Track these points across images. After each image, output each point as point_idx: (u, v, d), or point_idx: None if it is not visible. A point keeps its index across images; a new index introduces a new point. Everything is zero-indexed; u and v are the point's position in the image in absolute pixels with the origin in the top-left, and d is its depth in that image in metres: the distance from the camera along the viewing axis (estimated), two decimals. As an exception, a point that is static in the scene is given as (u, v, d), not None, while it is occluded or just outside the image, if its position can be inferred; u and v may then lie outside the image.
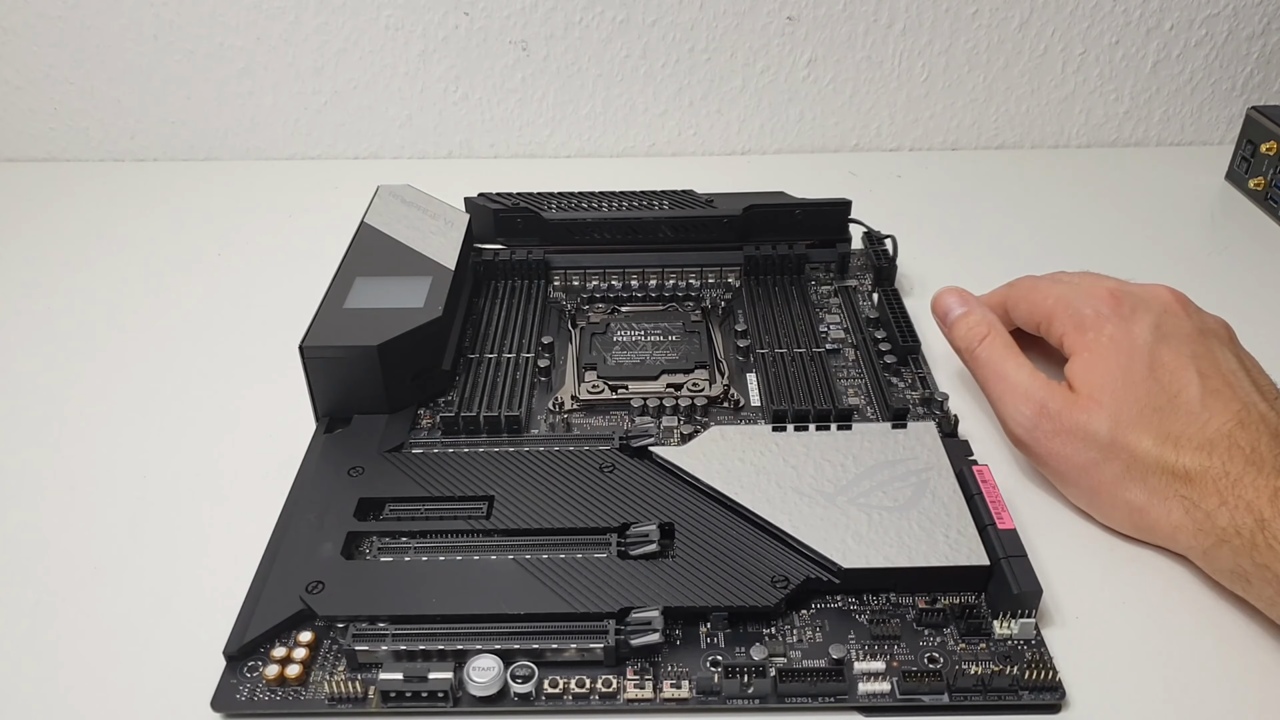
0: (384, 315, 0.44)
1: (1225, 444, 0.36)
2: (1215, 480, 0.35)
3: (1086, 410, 0.39)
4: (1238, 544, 0.34)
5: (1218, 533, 0.35)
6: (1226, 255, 0.60)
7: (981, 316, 0.45)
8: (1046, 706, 0.33)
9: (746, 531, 0.37)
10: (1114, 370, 0.39)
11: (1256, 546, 0.34)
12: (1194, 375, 0.38)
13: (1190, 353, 0.39)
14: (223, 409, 0.47)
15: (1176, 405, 0.38)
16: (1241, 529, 0.34)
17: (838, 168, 0.71)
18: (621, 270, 0.54)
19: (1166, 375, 0.38)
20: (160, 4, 0.67)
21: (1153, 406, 0.38)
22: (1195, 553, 0.37)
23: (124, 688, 0.34)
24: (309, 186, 0.69)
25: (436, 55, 0.70)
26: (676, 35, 0.69)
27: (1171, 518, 0.37)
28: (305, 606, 0.35)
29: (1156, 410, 0.38)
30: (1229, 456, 0.36)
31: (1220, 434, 0.36)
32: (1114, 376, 0.39)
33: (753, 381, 0.48)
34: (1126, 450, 0.38)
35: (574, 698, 0.33)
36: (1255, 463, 0.35)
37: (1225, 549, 0.35)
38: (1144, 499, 0.37)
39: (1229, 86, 0.73)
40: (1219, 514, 0.35)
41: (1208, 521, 0.35)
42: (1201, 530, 0.36)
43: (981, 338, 0.44)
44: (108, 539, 0.40)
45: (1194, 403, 0.38)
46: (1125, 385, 0.38)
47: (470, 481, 0.40)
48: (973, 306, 0.45)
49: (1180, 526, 0.37)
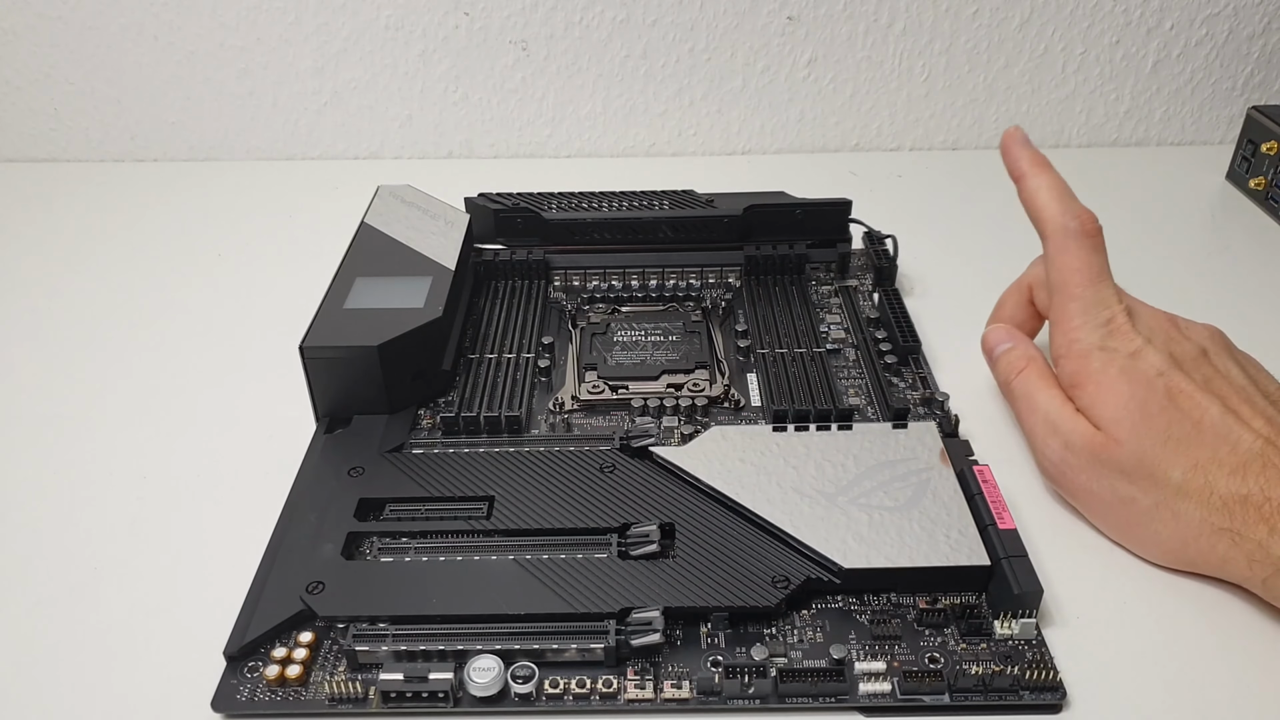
0: (384, 315, 0.44)
1: (1259, 465, 0.35)
2: (1258, 507, 0.34)
3: (1108, 447, 0.38)
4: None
5: (1274, 562, 0.34)
6: (1226, 255, 0.60)
7: (1024, 351, 0.44)
8: (1047, 707, 0.33)
9: (747, 532, 0.37)
10: (1129, 401, 0.38)
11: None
12: (1210, 397, 0.37)
13: (1201, 377, 0.38)
14: (223, 409, 0.47)
15: (1200, 431, 0.36)
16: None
17: (838, 168, 0.71)
18: (622, 270, 0.54)
19: (1185, 400, 0.37)
20: (160, 4, 0.67)
21: (1177, 436, 0.36)
22: (1254, 583, 0.35)
23: (124, 688, 0.34)
24: (309, 187, 0.69)
25: (436, 55, 0.70)
26: (676, 35, 0.69)
27: (1218, 550, 0.35)
28: (305, 607, 0.35)
29: (1182, 439, 0.36)
30: (1265, 478, 0.34)
31: (1251, 454, 0.35)
32: (1130, 407, 0.37)
33: (753, 381, 0.48)
34: (1154, 484, 0.36)
35: (574, 698, 0.33)
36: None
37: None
38: (1180, 533, 0.36)
39: (1229, 86, 0.73)
40: (1272, 543, 0.34)
41: (1260, 551, 0.34)
42: (1256, 561, 0.34)
43: (1019, 370, 0.43)
44: (108, 539, 0.40)
45: (1216, 425, 0.36)
46: (1144, 417, 0.37)
47: (470, 482, 0.40)
48: (1017, 341, 0.45)
49: (1229, 559, 0.35)
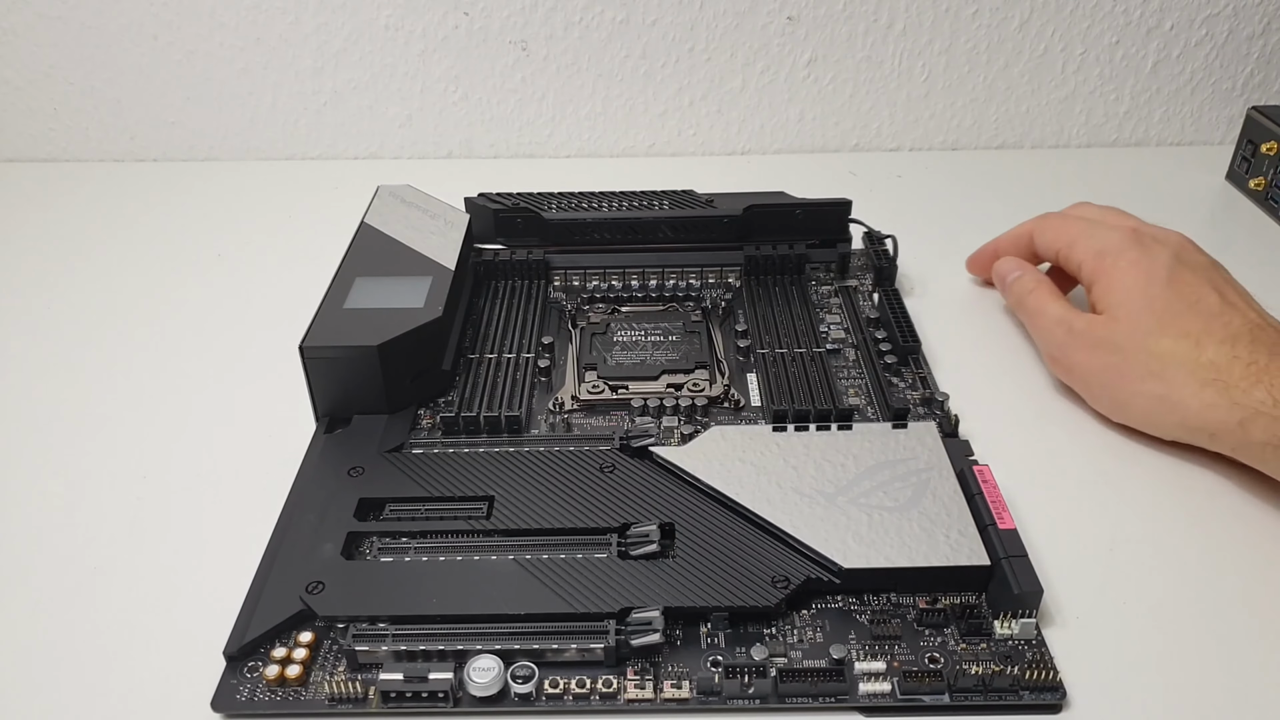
0: (384, 315, 0.44)
1: (1249, 338, 0.39)
2: (1245, 367, 0.39)
3: (1106, 325, 0.43)
4: (1275, 415, 0.37)
5: (1254, 405, 0.38)
6: (1226, 255, 0.60)
7: (1034, 276, 0.49)
8: (1047, 707, 0.33)
9: (747, 531, 0.37)
10: (1132, 289, 0.43)
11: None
12: (1210, 290, 0.42)
13: (1206, 276, 0.43)
14: (223, 409, 0.47)
15: (1196, 310, 0.41)
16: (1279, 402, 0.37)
17: (838, 168, 0.71)
18: (621, 270, 0.54)
19: (1185, 288, 0.42)
20: (160, 4, 0.67)
21: (1173, 312, 0.41)
22: (1228, 426, 0.39)
23: (124, 688, 0.34)
24: (309, 186, 0.69)
25: (436, 55, 0.70)
26: (676, 35, 0.69)
27: (1203, 396, 0.39)
28: (305, 607, 0.35)
29: (1175, 315, 0.41)
30: (1254, 347, 0.39)
31: (1243, 330, 0.40)
32: (1132, 294, 0.43)
33: (753, 381, 0.48)
34: (1145, 351, 0.41)
35: (574, 698, 0.33)
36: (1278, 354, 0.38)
37: (1262, 421, 0.38)
38: (1166, 389, 0.41)
39: (1229, 86, 0.73)
40: (1255, 390, 0.38)
41: (1244, 396, 0.38)
42: (1236, 405, 0.38)
43: (1031, 290, 0.49)
44: (108, 539, 0.40)
45: (1213, 309, 0.41)
46: (1144, 300, 0.42)
47: (470, 481, 0.40)
48: (1026, 270, 0.50)
49: (1213, 404, 0.39)
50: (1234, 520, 0.40)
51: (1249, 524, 0.40)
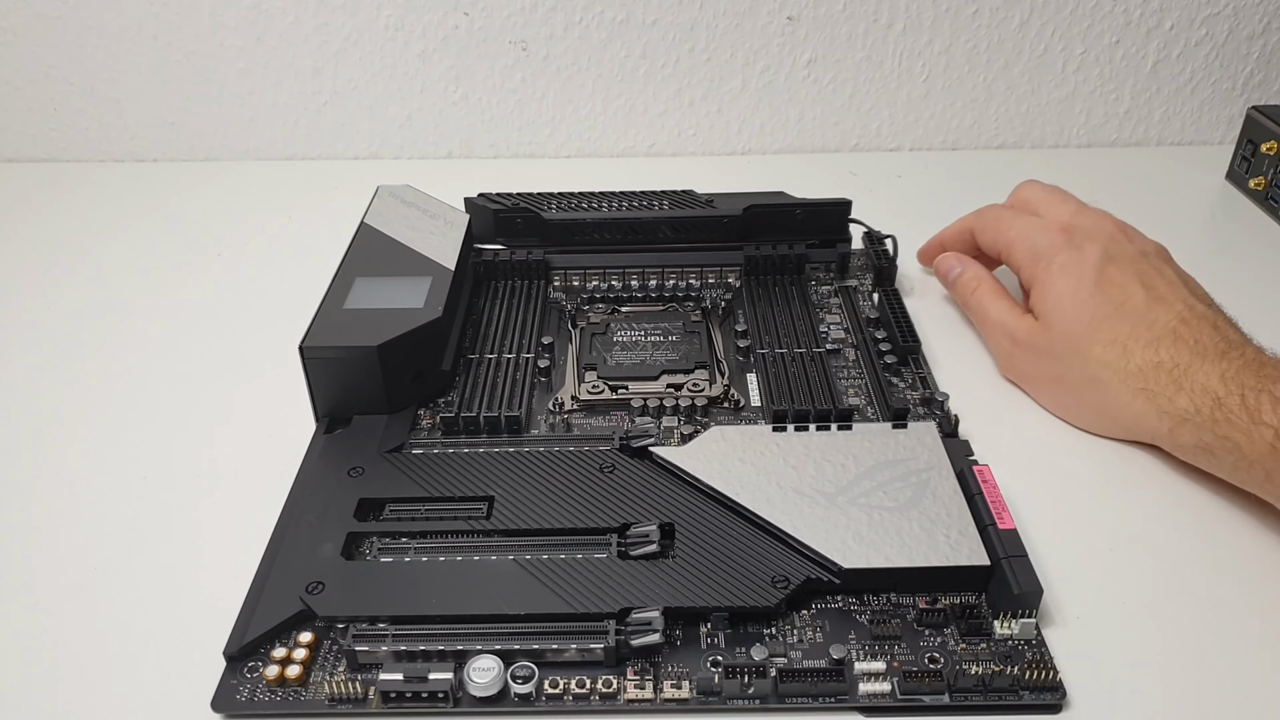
0: (384, 315, 0.44)
1: (1170, 339, 0.41)
2: (1169, 371, 0.40)
3: (1043, 334, 0.45)
4: (1199, 421, 0.39)
5: (1180, 414, 0.40)
6: (1226, 255, 0.60)
7: (975, 273, 0.51)
8: (1047, 707, 0.33)
9: (747, 532, 0.37)
10: (1063, 294, 0.44)
11: (1216, 421, 0.38)
12: (1138, 286, 0.43)
13: (1135, 270, 0.44)
14: (223, 410, 0.47)
15: (1123, 312, 0.43)
16: (1201, 408, 0.39)
17: (838, 168, 0.71)
18: (621, 270, 0.54)
19: (1113, 289, 0.43)
20: (160, 4, 0.67)
21: (1100, 317, 0.43)
22: (1160, 434, 0.41)
23: (124, 688, 0.34)
24: (309, 186, 0.69)
25: (436, 55, 0.70)
26: (676, 35, 0.69)
27: (1134, 407, 0.41)
28: (305, 607, 0.35)
29: (1104, 320, 0.43)
30: (1175, 349, 0.40)
31: (1165, 331, 0.41)
32: (1063, 301, 0.44)
33: (753, 381, 0.48)
34: (1079, 358, 0.43)
35: (574, 698, 0.33)
36: (1199, 353, 0.40)
37: (1188, 427, 0.39)
38: (1102, 398, 0.43)
39: (1229, 86, 0.73)
40: (1179, 398, 0.40)
41: (1170, 405, 0.40)
42: (1165, 413, 0.40)
43: (974, 289, 0.50)
44: (108, 539, 0.40)
45: (1140, 308, 0.42)
46: (1074, 306, 0.44)
47: (470, 482, 0.40)
48: (968, 265, 0.52)
49: (1143, 414, 0.41)
50: (1234, 520, 0.40)
51: (1249, 524, 0.40)
